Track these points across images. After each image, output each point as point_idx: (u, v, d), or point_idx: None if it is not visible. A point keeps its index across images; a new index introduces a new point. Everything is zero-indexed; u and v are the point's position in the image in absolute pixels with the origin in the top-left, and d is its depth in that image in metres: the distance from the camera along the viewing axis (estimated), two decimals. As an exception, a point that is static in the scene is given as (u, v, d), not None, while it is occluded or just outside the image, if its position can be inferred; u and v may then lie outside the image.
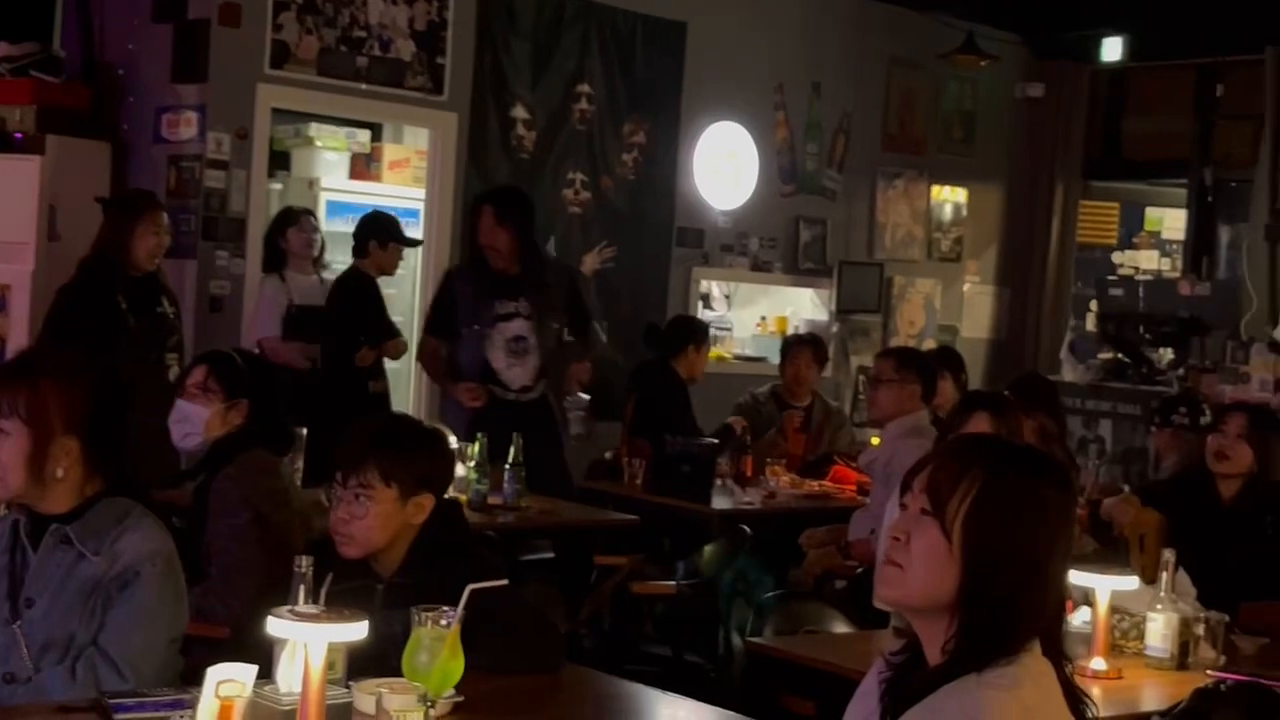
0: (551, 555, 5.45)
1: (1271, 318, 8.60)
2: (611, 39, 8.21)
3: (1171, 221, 10.56)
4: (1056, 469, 2.11)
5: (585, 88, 8.12)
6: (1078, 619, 3.89)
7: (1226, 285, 9.28)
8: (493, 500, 5.33)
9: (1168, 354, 8.39)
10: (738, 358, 8.89)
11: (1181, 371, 8.11)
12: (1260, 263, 9.06)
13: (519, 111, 7.90)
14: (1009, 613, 2.00)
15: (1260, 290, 8.99)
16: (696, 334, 7.18)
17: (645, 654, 5.55)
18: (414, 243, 7.11)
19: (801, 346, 7.34)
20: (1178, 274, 9.76)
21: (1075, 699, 2.05)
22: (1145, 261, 10.46)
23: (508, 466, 5.39)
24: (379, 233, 6.72)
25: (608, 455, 6.82)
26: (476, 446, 5.29)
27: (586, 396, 6.62)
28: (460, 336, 6.20)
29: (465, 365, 6.19)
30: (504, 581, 2.60)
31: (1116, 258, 10.51)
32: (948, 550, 2.01)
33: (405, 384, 7.81)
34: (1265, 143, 9.11)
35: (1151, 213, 10.75)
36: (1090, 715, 2.07)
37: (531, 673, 2.97)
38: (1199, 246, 9.88)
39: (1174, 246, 10.36)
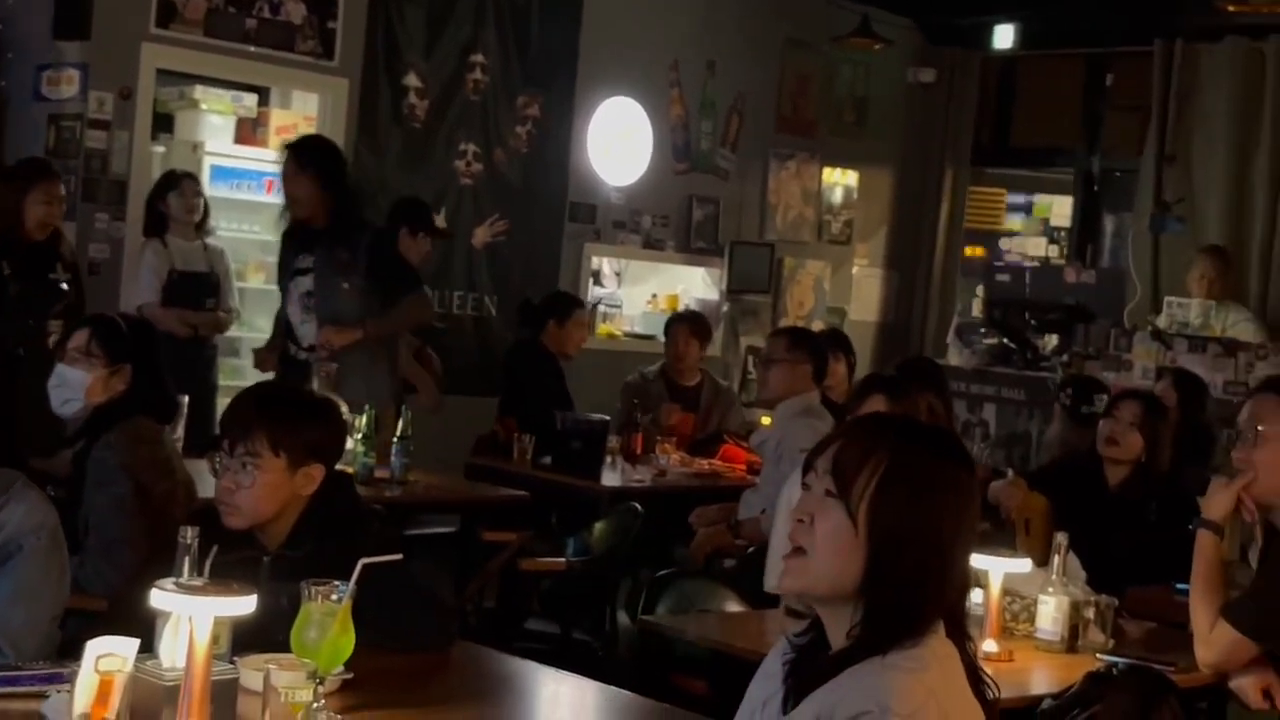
0: (451, 530, 5.36)
1: (1154, 307, 8.73)
2: (507, 10, 8.11)
3: (1058, 209, 10.68)
4: (962, 449, 2.09)
5: (480, 58, 8.01)
6: (969, 601, 3.90)
7: (1111, 274, 9.40)
8: (380, 474, 5.26)
9: (1052, 340, 8.49)
10: (628, 335, 8.85)
11: (1066, 358, 8.20)
12: (1144, 252, 9.19)
13: (411, 80, 7.78)
14: (915, 595, 1.97)
15: (1144, 279, 9.13)
16: (557, 308, 7.05)
17: (531, 632, 5.49)
18: (445, 234, 7.11)
19: (680, 323, 7.34)
20: (1063, 261, 9.87)
21: (978, 680, 2.04)
22: (1032, 248, 10.58)
23: (395, 440, 5.32)
24: (412, 219, 6.66)
25: (496, 429, 6.76)
26: (365, 418, 5.20)
27: (334, 365, 5.71)
28: None
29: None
30: (398, 556, 2.54)
31: (1003, 244, 10.62)
32: (853, 533, 1.98)
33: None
34: (1151, 134, 9.23)
35: (1039, 200, 10.88)
36: (991, 697, 2.06)
37: (423, 650, 2.91)
38: (1084, 235, 10.01)
39: (1060, 234, 10.48)
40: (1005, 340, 8.58)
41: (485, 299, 8.11)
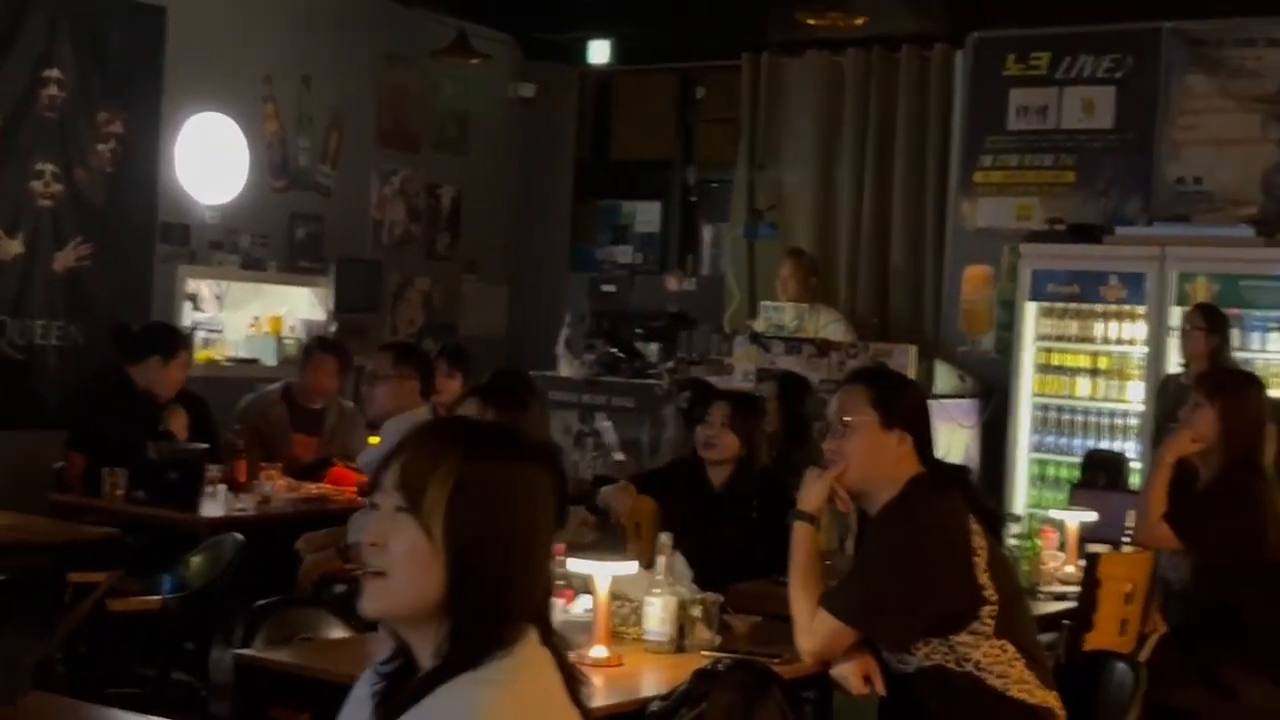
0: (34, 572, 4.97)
1: (751, 311, 9.01)
2: (84, 23, 7.67)
3: (658, 219, 10.87)
4: (538, 448, 2.01)
5: (54, 73, 7.55)
6: (578, 607, 3.88)
7: (710, 281, 9.67)
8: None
9: (655, 348, 8.65)
10: (230, 360, 8.50)
11: (671, 364, 8.36)
12: (740, 259, 9.49)
13: (-22, 96, 7.27)
14: (500, 603, 1.89)
15: (741, 285, 9.43)
16: (161, 343, 6.42)
17: (130, 676, 5.17)
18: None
19: (325, 355, 7.05)
20: (665, 271, 10.07)
21: (575, 683, 1.97)
22: (634, 258, 10.74)
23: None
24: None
25: (56, 466, 6.30)
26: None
27: None
28: None
29: None
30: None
31: (607, 254, 10.74)
32: (430, 548, 1.88)
33: None
34: (742, 145, 9.53)
35: (640, 211, 11.05)
36: (583, 696, 1.99)
37: (-17, 705, 2.66)
38: (684, 244, 10.25)
39: (660, 244, 10.68)
40: (614, 350, 8.69)
41: (71, 327, 7.63)
